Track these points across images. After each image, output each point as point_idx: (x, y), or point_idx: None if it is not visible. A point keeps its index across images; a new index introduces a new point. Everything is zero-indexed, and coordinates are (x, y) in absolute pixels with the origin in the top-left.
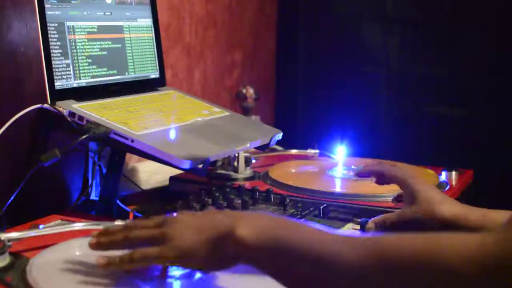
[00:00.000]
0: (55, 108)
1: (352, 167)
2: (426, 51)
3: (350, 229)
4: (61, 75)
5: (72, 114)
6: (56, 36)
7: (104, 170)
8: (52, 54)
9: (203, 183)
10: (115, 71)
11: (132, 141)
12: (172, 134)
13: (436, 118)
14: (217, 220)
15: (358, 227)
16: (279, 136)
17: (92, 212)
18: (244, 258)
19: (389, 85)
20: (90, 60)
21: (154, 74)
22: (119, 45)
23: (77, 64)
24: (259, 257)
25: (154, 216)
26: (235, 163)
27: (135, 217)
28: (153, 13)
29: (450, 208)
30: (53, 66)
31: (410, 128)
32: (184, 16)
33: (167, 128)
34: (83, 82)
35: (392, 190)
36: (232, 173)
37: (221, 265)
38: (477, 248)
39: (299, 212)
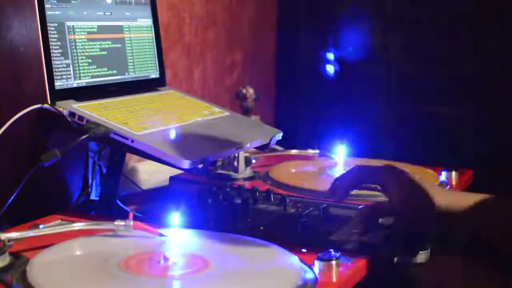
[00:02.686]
0: (55, 108)
1: None
2: (426, 51)
3: (350, 230)
4: (61, 75)
5: (72, 114)
6: (56, 36)
7: (104, 170)
8: (52, 54)
9: (203, 183)
10: (115, 71)
11: (132, 141)
12: (172, 134)
13: (436, 118)
14: None
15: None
16: (279, 136)
17: (92, 212)
18: None
19: (389, 85)
20: (90, 60)
21: (154, 74)
22: (119, 45)
23: (77, 64)
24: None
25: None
26: (235, 163)
27: (135, 217)
28: (153, 13)
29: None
30: (53, 66)
31: (410, 128)
32: (184, 16)
33: (167, 128)
34: (83, 82)
35: None
36: (232, 173)
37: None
38: None
39: (299, 212)
